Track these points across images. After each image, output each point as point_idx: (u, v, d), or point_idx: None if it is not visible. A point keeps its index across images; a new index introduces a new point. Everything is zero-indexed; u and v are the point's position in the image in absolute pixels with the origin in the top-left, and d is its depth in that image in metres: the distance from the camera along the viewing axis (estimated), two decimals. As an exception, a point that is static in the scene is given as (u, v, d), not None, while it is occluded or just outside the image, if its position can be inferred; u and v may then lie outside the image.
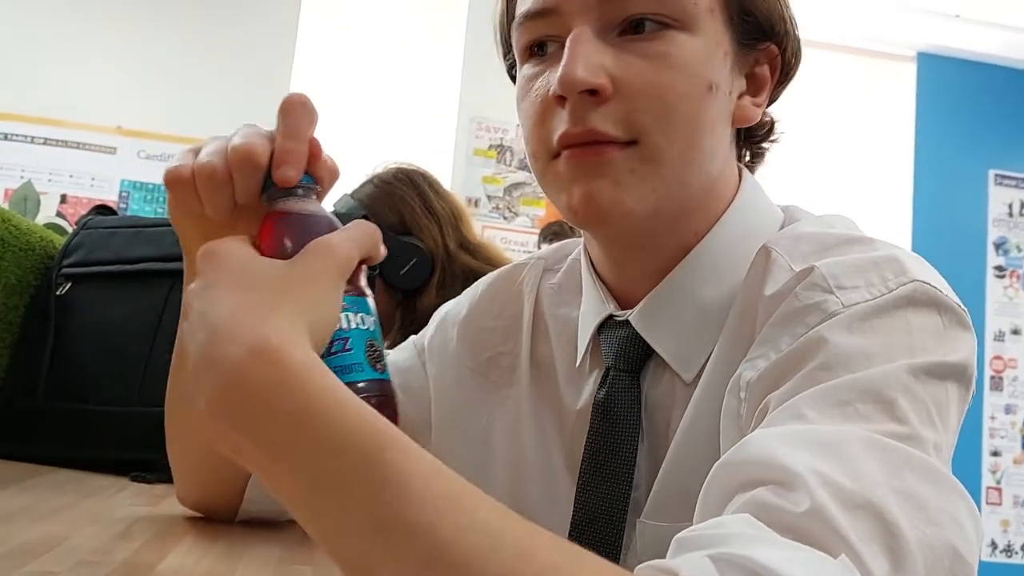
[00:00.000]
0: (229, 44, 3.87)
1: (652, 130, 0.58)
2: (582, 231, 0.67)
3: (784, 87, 0.68)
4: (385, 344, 0.51)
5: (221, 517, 0.70)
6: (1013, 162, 4.32)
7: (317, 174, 0.51)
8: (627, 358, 0.64)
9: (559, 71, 0.57)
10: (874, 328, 0.49)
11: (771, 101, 0.68)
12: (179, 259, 1.02)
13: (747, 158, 0.71)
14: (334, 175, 0.52)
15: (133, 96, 3.79)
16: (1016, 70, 4.34)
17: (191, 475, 0.69)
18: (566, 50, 0.57)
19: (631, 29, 0.58)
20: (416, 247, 1.32)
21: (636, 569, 0.36)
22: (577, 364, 0.69)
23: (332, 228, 0.48)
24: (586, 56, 0.57)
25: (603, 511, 0.62)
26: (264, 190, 0.50)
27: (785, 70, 0.66)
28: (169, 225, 1.10)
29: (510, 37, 0.66)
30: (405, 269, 1.31)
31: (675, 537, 0.39)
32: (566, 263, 0.77)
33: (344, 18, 4.06)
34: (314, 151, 0.50)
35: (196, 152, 0.51)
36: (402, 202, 1.36)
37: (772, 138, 0.71)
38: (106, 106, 3.77)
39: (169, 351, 0.97)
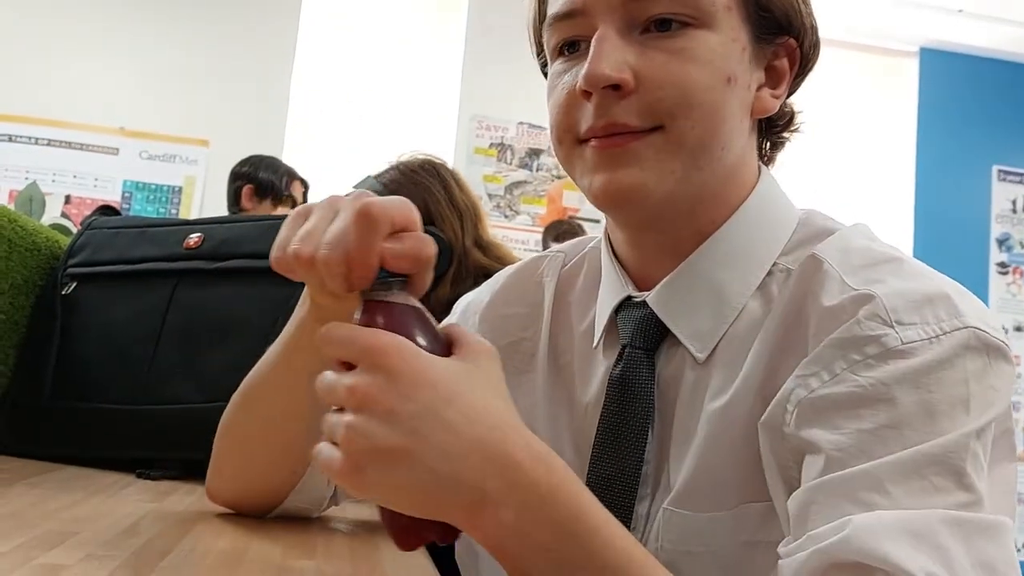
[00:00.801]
0: (230, 45, 3.88)
1: (675, 115, 0.61)
2: (605, 216, 0.71)
3: (803, 79, 0.71)
4: None
5: (253, 514, 0.72)
6: (1017, 158, 4.32)
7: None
8: (644, 336, 0.67)
9: (585, 68, 0.61)
10: (937, 382, 0.53)
11: (791, 92, 0.71)
12: (182, 258, 1.04)
13: (768, 147, 0.74)
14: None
15: (135, 97, 3.81)
16: (1020, 65, 4.33)
17: (241, 473, 0.70)
18: (592, 48, 0.61)
19: (653, 28, 0.62)
20: (439, 236, 1.33)
21: None
22: (595, 345, 0.72)
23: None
24: (610, 53, 0.61)
25: (616, 483, 0.66)
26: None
27: (804, 62, 0.69)
28: (172, 225, 1.11)
29: (542, 38, 0.70)
30: None
31: None
32: (585, 249, 0.80)
33: (345, 18, 4.07)
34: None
35: (304, 217, 0.54)
36: (427, 192, 1.37)
37: (793, 127, 0.74)
38: (109, 107, 3.79)
39: (173, 350, 0.99)
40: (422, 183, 1.37)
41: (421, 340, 0.49)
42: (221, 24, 3.89)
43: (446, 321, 0.85)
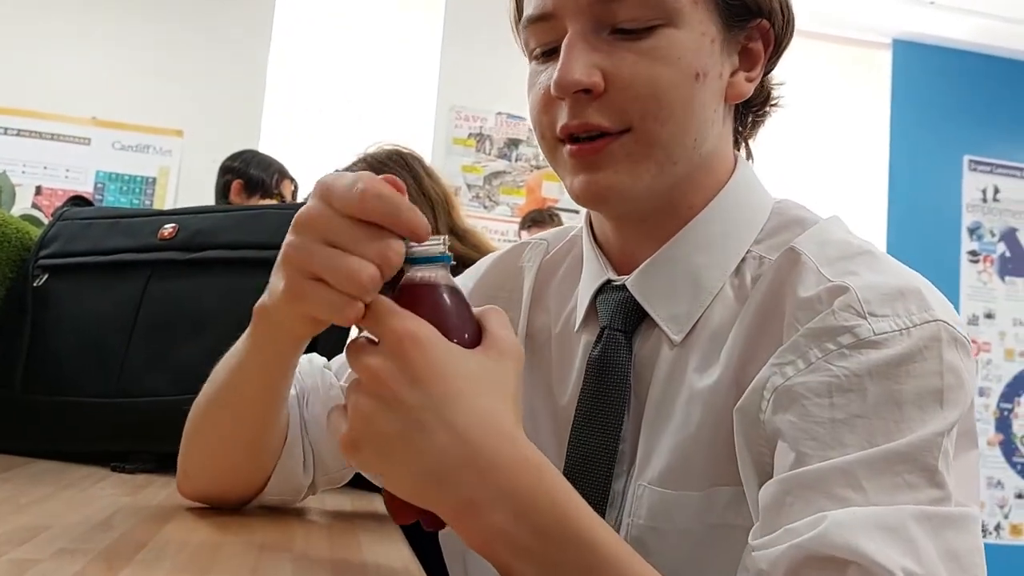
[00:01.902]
0: (204, 33, 3.84)
1: (645, 116, 0.63)
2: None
3: (778, 58, 0.72)
4: None
5: (227, 507, 0.72)
6: (987, 148, 4.37)
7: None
8: (622, 319, 0.69)
9: (556, 74, 0.63)
10: (907, 374, 0.56)
11: (768, 72, 0.72)
12: (156, 249, 1.03)
13: (749, 124, 0.76)
14: None
15: (107, 87, 3.76)
16: (991, 56, 4.38)
17: (211, 472, 0.70)
18: (562, 53, 0.63)
19: (621, 29, 0.63)
20: None
21: None
22: (576, 328, 0.74)
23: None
24: (579, 58, 0.62)
25: (593, 461, 0.67)
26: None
27: (778, 42, 0.71)
28: (146, 216, 1.10)
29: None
30: None
31: None
32: (569, 236, 0.82)
33: (321, 8, 4.03)
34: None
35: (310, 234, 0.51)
36: None
37: (772, 103, 0.75)
38: (80, 97, 3.73)
39: (147, 342, 0.98)
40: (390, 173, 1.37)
41: (450, 325, 0.50)
42: (195, 12, 3.84)
43: None
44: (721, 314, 0.66)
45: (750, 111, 0.75)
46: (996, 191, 4.36)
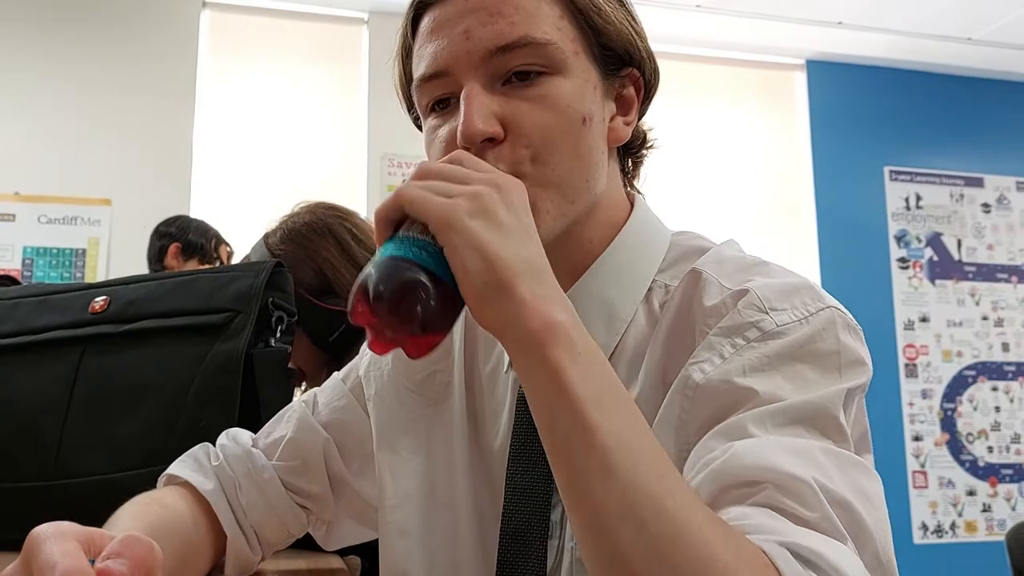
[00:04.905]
0: (127, 100, 3.79)
1: (537, 160, 0.67)
2: None
3: (649, 103, 0.78)
4: None
5: None
6: (905, 157, 4.54)
7: None
8: None
9: (460, 126, 0.66)
10: (810, 354, 0.62)
11: (641, 116, 0.78)
12: (88, 324, 1.00)
13: (631, 166, 0.81)
14: None
15: (29, 160, 3.68)
16: (901, 70, 4.57)
17: None
18: (462, 107, 0.67)
19: (514, 78, 0.68)
20: (343, 313, 1.30)
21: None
22: (505, 369, 0.76)
23: None
24: (479, 109, 0.66)
25: (531, 493, 0.70)
26: None
27: (647, 87, 0.77)
28: (76, 290, 1.07)
29: (411, 95, 0.75)
30: (334, 336, 1.29)
31: None
32: None
33: (244, 70, 4.02)
34: None
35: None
36: (322, 260, 1.31)
37: (648, 145, 0.80)
38: (1, 173, 3.64)
39: (82, 421, 0.95)
40: (313, 249, 1.32)
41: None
42: (117, 85, 3.79)
43: (356, 360, 0.88)
44: (635, 339, 0.70)
45: (629, 154, 0.80)
46: (919, 198, 4.52)
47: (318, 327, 1.29)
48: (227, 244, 2.88)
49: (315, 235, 1.34)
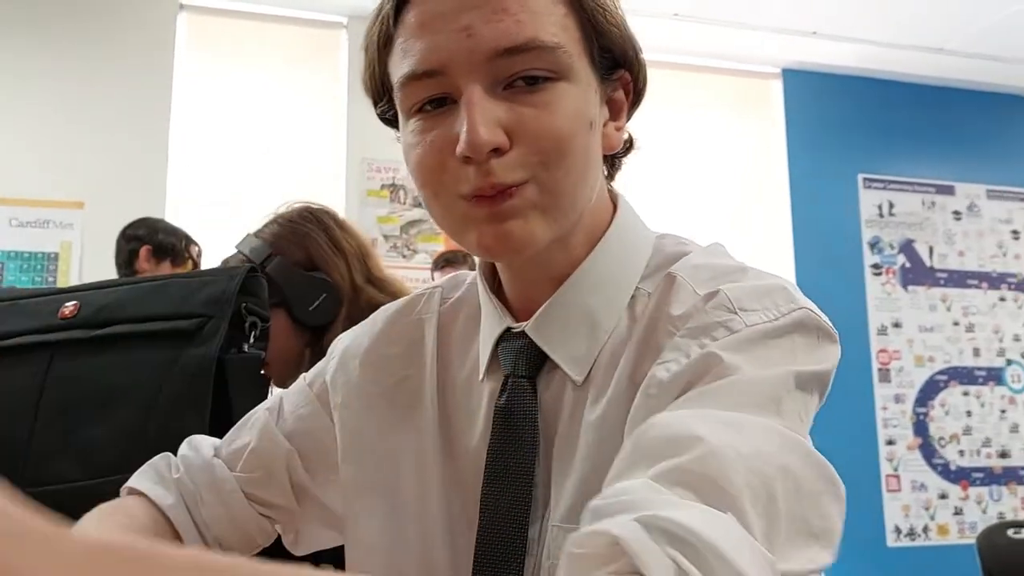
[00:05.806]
0: (101, 100, 3.75)
1: (548, 166, 0.63)
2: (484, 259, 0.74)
3: (637, 107, 0.75)
4: None
5: None
6: (878, 165, 4.59)
7: None
8: (525, 364, 0.70)
9: (464, 135, 0.61)
10: (765, 347, 0.59)
11: (628, 119, 0.75)
12: (57, 329, 0.99)
13: (609, 170, 0.78)
14: None
15: (0, 163, 3.63)
16: (873, 79, 4.63)
17: None
18: (465, 115, 0.61)
19: (519, 82, 0.63)
20: (324, 281, 1.31)
21: (571, 536, 0.43)
22: (480, 378, 0.74)
23: None
24: (486, 118, 0.61)
25: (509, 509, 0.67)
26: None
27: (637, 91, 0.74)
28: (46, 295, 1.06)
29: (381, 89, 0.70)
30: (315, 305, 1.30)
31: (589, 506, 0.46)
32: (463, 288, 0.82)
33: (221, 72, 4.00)
34: None
35: None
36: (308, 239, 1.35)
37: (631, 151, 0.77)
38: (-28, 174, 3.59)
39: (51, 427, 0.94)
40: (301, 231, 1.36)
41: None
42: (90, 78, 3.75)
43: (323, 363, 0.86)
44: (613, 348, 0.68)
45: (614, 157, 0.76)
46: (891, 205, 4.57)
47: (299, 292, 1.30)
48: (195, 243, 2.84)
49: (302, 219, 1.38)
